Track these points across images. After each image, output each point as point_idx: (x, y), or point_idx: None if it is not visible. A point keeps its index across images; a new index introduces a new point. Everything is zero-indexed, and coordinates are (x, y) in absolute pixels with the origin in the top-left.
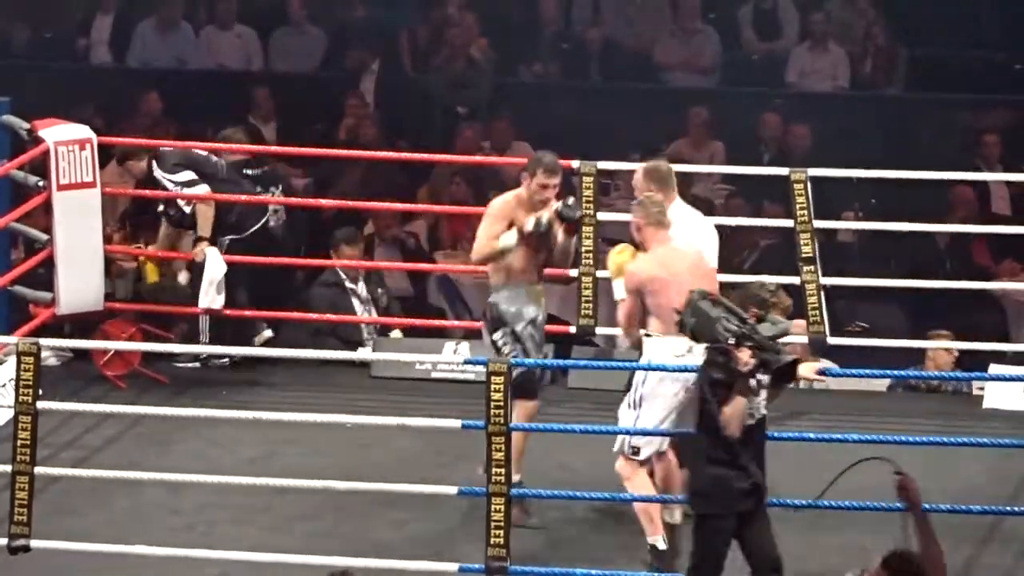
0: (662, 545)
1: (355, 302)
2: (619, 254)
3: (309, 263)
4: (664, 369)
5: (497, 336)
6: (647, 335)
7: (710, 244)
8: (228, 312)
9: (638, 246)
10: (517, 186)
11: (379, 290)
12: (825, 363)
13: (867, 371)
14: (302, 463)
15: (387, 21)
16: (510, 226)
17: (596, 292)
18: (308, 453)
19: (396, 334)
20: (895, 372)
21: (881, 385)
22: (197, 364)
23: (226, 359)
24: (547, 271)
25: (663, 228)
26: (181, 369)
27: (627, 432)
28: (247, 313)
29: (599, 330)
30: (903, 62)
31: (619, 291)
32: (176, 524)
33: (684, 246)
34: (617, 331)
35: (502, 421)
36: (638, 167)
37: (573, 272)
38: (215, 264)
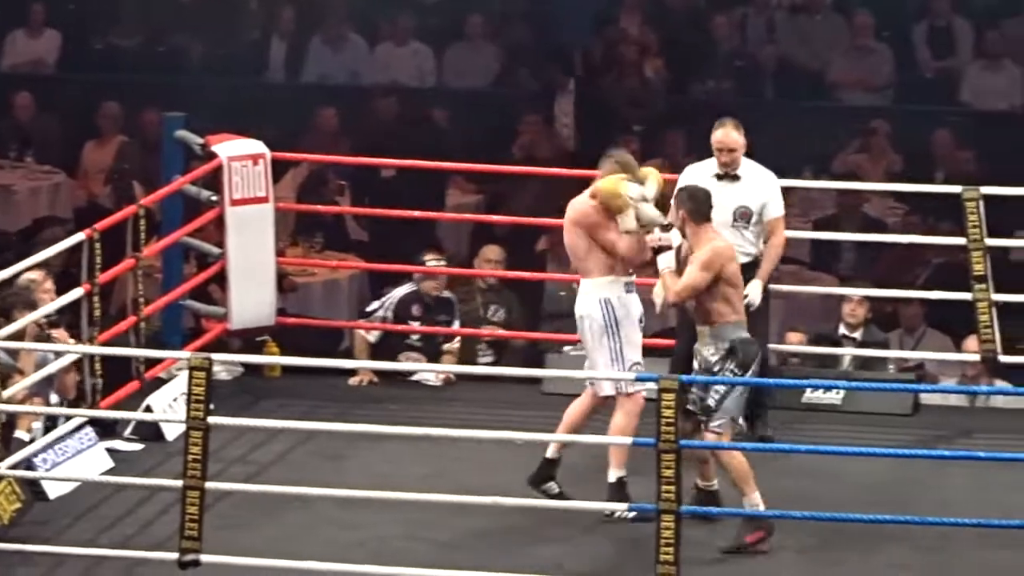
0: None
1: None
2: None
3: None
4: None
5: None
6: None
7: None
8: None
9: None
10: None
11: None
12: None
13: None
14: (472, 480)
15: (562, 39)
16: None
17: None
18: (478, 470)
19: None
20: None
21: None
22: None
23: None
24: None
25: None
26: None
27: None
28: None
29: (770, 346)
30: None
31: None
32: (347, 540)
33: None
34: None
35: (672, 438)
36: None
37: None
38: None
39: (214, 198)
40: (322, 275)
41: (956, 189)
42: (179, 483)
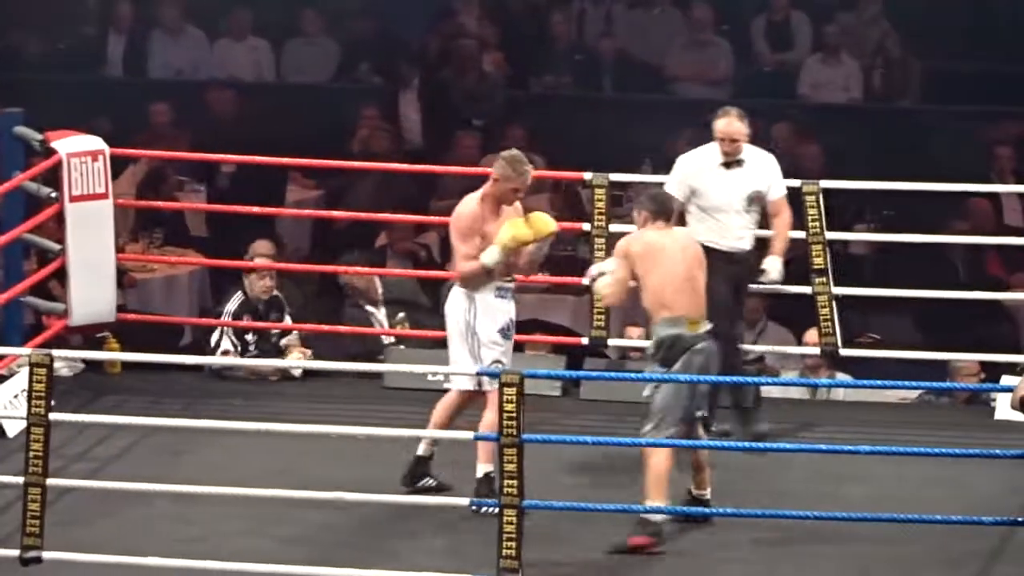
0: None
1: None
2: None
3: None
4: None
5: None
6: None
7: None
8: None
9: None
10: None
11: (399, 314)
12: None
13: (877, 382)
14: (317, 475)
15: (399, 33)
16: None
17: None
18: (323, 465)
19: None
20: (907, 383)
21: (894, 396)
22: None
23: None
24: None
25: None
26: (193, 379)
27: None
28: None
29: (611, 342)
30: (916, 74)
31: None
32: (189, 536)
33: None
34: (630, 342)
35: (514, 432)
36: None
37: (585, 281)
38: None
39: (53, 195)
40: (162, 271)
41: (795, 183)
42: (20, 480)
